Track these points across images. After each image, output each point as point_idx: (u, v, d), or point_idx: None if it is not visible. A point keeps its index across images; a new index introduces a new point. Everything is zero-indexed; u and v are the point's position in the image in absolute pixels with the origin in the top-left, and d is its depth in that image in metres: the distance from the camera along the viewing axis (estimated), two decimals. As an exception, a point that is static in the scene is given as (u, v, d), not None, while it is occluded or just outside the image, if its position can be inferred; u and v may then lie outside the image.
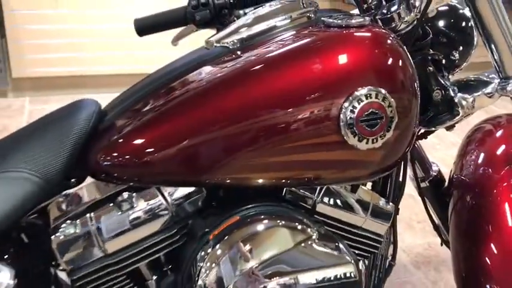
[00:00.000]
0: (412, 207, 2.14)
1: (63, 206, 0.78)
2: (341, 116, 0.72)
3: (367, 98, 0.72)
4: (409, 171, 1.16)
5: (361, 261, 0.88)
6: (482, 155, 1.22)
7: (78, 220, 0.75)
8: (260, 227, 0.75)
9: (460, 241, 1.16)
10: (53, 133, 0.74)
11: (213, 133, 0.73)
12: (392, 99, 0.73)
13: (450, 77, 1.07)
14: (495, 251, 1.10)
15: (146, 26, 1.01)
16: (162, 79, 0.80)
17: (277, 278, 0.71)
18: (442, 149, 2.46)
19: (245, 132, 0.73)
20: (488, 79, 1.03)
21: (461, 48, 1.05)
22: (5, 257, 0.72)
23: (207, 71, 0.78)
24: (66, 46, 3.01)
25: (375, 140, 0.73)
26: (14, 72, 2.97)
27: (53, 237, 0.74)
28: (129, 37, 2.94)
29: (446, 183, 1.26)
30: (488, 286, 1.09)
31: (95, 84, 2.97)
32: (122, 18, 3.03)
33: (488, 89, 0.99)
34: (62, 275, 0.76)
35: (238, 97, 0.74)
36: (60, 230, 0.74)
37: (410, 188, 1.25)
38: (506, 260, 1.08)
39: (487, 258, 1.10)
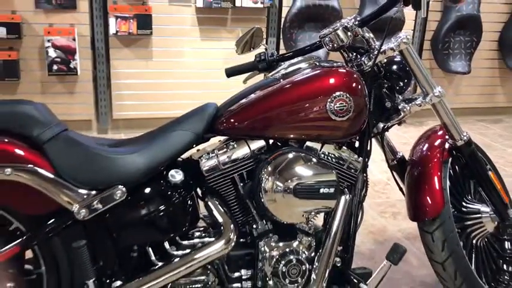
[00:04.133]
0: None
1: (201, 151, 1.63)
2: (327, 104, 1.56)
3: (339, 97, 1.55)
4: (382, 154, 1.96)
5: (346, 189, 1.68)
6: (426, 145, 1.97)
7: (211, 154, 1.57)
8: (290, 155, 1.53)
9: (410, 194, 1.88)
10: (197, 114, 1.59)
11: (269, 113, 1.55)
12: (351, 98, 1.55)
13: (402, 95, 1.86)
14: (429, 200, 1.82)
15: (232, 71, 1.91)
16: (249, 90, 1.65)
17: (291, 178, 1.50)
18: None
19: (283, 113, 1.54)
20: (420, 96, 1.84)
21: (405, 80, 1.84)
22: (176, 168, 1.56)
23: (267, 87, 1.62)
24: (153, 95, 3.92)
25: (343, 116, 1.56)
26: (114, 115, 3.89)
27: (200, 162, 1.55)
28: (198, 89, 3.91)
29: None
30: (425, 217, 1.84)
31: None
32: (193, 76, 3.97)
33: (418, 101, 1.80)
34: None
35: (280, 98, 1.58)
36: (204, 157, 1.56)
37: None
38: (434, 203, 1.80)
39: (424, 203, 1.83)
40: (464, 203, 1.97)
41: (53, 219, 1.40)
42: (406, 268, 2.32)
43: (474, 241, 1.95)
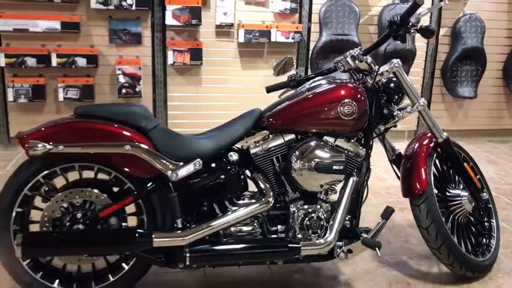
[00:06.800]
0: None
1: (249, 142, 2.30)
2: (338, 109, 2.22)
3: (347, 103, 2.21)
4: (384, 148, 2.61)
5: (354, 172, 2.32)
6: (417, 143, 2.60)
7: (256, 143, 2.21)
8: (312, 144, 2.17)
9: (403, 178, 2.49)
10: (247, 115, 2.25)
11: (297, 114, 2.20)
12: (356, 104, 2.21)
13: (397, 105, 2.52)
14: (416, 181, 2.42)
15: (271, 88, 2.61)
16: (283, 99, 2.33)
17: (313, 158, 2.14)
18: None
19: (307, 114, 2.19)
20: (409, 106, 2.49)
21: (400, 94, 2.50)
22: (233, 151, 2.24)
23: (296, 96, 2.28)
24: (202, 115, 4.60)
25: (350, 116, 2.22)
26: (169, 131, 4.67)
27: (250, 149, 2.22)
28: (239, 110, 4.61)
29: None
30: (414, 194, 2.45)
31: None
32: (235, 99, 4.63)
33: (408, 109, 2.45)
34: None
35: (305, 103, 2.23)
36: (252, 145, 2.21)
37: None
38: (420, 184, 2.38)
39: (413, 184, 2.41)
40: (448, 189, 2.58)
41: (153, 181, 2.10)
42: (407, 246, 2.92)
43: (456, 218, 2.55)
